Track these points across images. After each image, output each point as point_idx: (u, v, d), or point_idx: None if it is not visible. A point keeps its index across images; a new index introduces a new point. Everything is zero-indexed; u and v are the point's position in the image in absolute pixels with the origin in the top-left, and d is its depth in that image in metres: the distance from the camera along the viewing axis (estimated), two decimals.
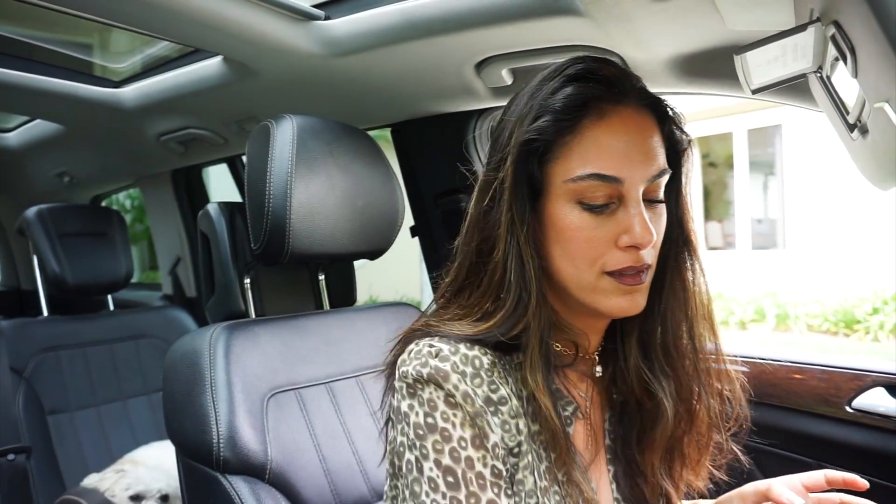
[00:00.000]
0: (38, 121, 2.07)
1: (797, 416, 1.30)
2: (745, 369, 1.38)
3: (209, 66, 1.46)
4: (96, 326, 2.14)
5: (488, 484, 0.63)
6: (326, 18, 1.23)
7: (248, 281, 1.19)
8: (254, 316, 1.18)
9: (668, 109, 0.71)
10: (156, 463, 1.67)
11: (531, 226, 0.67)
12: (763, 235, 7.90)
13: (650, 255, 0.68)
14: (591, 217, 0.66)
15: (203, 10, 1.11)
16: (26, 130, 2.15)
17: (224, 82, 1.46)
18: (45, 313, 2.25)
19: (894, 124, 0.59)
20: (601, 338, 0.76)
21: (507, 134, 0.69)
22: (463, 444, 0.63)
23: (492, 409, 0.65)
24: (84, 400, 2.04)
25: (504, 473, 0.64)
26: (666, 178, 0.69)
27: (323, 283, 1.30)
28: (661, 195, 0.69)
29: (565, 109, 0.65)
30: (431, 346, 0.67)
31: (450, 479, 0.62)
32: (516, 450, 0.66)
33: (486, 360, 0.66)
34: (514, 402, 0.66)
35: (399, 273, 6.88)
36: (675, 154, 0.72)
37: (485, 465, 0.63)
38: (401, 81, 1.37)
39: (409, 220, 1.57)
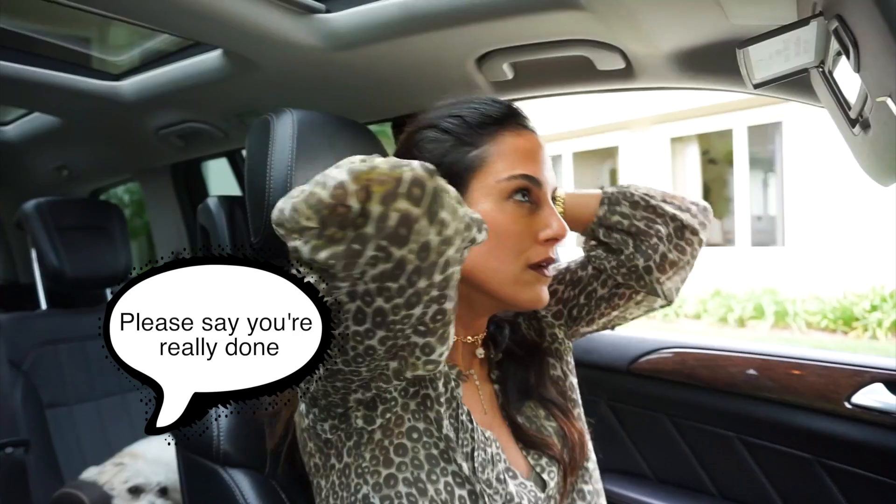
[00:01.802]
0: (36, 114, 2.06)
1: (796, 412, 1.30)
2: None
3: (209, 60, 1.46)
4: (95, 320, 2.13)
5: None
6: (327, 11, 1.23)
7: None
8: None
9: None
10: (155, 456, 1.67)
11: None
12: (762, 232, 7.91)
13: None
14: (519, 212, 0.77)
15: (203, 3, 1.11)
16: (24, 123, 2.14)
17: (224, 76, 1.46)
18: (44, 307, 2.25)
19: None
20: (484, 328, 0.87)
21: (431, 148, 0.80)
22: None
23: None
24: (83, 393, 2.04)
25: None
26: None
27: None
28: None
29: (487, 121, 0.79)
30: None
31: None
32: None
33: None
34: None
35: None
36: None
37: None
38: (401, 75, 1.37)
39: None
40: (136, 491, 1.62)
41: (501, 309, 0.87)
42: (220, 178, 2.65)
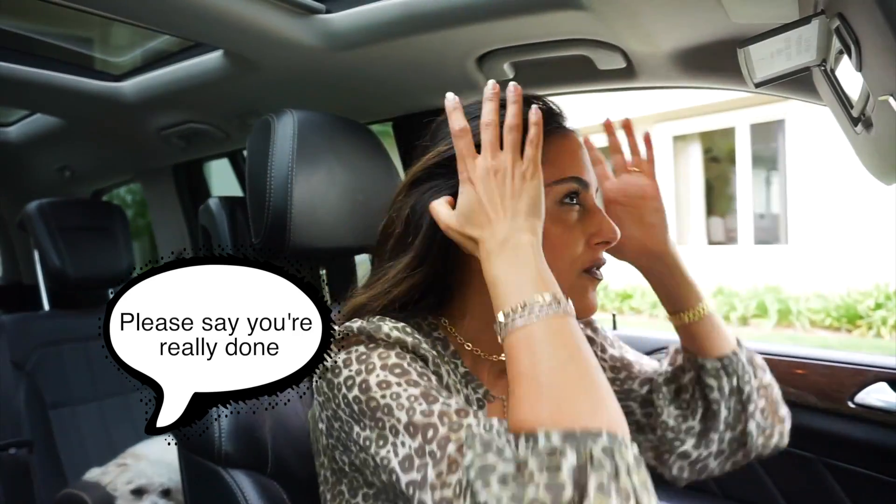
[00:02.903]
0: (38, 115, 2.06)
1: (799, 412, 1.29)
2: None
3: (210, 60, 1.46)
4: (97, 321, 2.14)
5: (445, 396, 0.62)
6: (327, 12, 1.23)
7: None
8: None
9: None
10: (158, 457, 1.67)
11: None
12: (765, 230, 7.89)
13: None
14: (570, 217, 0.73)
15: (203, 4, 1.11)
16: (26, 124, 2.14)
17: (225, 76, 1.46)
18: (47, 307, 2.25)
19: None
20: None
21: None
22: (410, 366, 0.64)
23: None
24: (86, 394, 2.05)
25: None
26: None
27: (324, 278, 1.29)
28: None
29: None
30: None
31: (425, 397, 0.61)
32: None
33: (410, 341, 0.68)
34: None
35: None
36: None
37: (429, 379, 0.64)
38: (402, 75, 1.37)
39: None
40: (139, 492, 1.62)
41: None
42: (223, 179, 2.65)
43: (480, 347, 0.77)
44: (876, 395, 1.21)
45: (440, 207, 0.69)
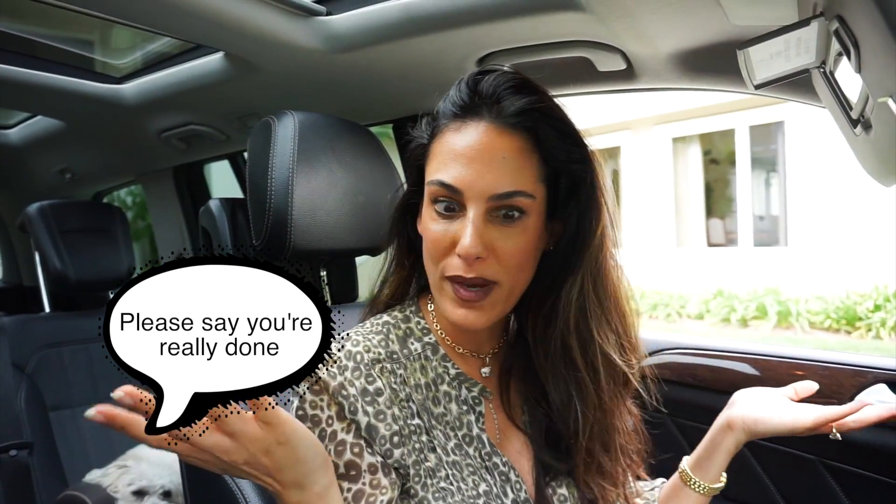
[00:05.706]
0: (39, 117, 2.07)
1: None
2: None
3: (210, 63, 1.46)
4: (98, 323, 2.14)
5: (364, 451, 0.67)
6: (328, 14, 1.23)
7: None
8: None
9: (547, 134, 0.69)
10: (158, 458, 1.67)
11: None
12: (765, 232, 7.89)
13: (491, 272, 0.68)
14: (439, 218, 0.70)
15: (204, 6, 1.11)
16: (27, 127, 2.15)
17: (225, 78, 1.46)
18: (47, 309, 2.26)
19: None
20: (496, 339, 0.81)
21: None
22: (330, 421, 0.68)
23: (367, 398, 0.68)
24: (86, 396, 2.05)
25: (374, 452, 0.68)
26: (524, 200, 0.68)
27: (325, 279, 1.30)
28: (520, 213, 0.69)
29: (438, 115, 0.73)
30: None
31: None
32: (395, 438, 0.69)
33: (367, 357, 0.70)
34: (389, 392, 0.70)
35: None
36: (568, 176, 0.72)
37: (357, 436, 0.68)
38: (402, 77, 1.37)
39: None
40: (140, 494, 1.62)
41: None
42: (223, 181, 2.66)
43: (454, 339, 0.78)
44: (875, 397, 1.21)
45: None
